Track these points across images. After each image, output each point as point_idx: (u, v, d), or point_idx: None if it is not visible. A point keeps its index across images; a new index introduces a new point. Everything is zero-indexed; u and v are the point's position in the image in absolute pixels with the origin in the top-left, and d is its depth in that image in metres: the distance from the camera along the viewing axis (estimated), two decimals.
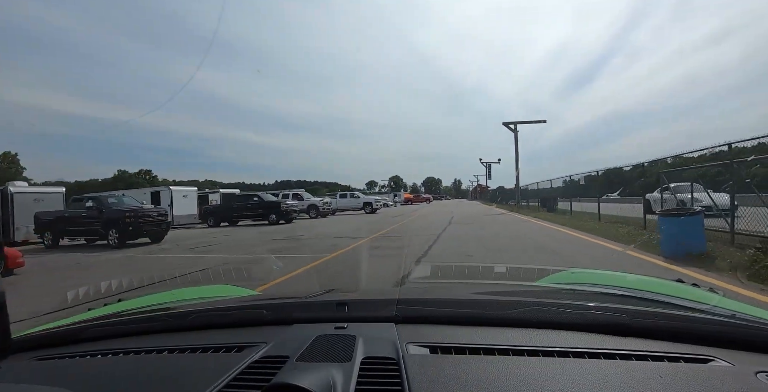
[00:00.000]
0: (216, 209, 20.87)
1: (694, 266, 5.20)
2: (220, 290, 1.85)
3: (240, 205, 20.14)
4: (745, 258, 5.10)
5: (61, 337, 0.98)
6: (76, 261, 8.96)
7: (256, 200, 19.83)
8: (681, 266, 5.20)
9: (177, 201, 22.06)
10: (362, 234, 11.36)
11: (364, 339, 0.76)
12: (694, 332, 0.76)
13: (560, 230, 10.72)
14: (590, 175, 15.27)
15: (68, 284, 5.86)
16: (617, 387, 0.57)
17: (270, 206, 19.33)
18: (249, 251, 9.12)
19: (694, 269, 4.99)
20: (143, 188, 24.46)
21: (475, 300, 1.06)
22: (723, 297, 1.19)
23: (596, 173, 14.79)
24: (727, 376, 0.61)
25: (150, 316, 1.06)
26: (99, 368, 0.82)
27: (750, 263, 4.81)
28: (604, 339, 0.75)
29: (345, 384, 0.59)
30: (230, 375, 0.66)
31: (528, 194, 26.55)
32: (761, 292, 3.94)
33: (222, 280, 2.66)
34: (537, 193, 25.13)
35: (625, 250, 6.91)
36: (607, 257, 6.61)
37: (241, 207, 20.01)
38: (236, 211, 20.07)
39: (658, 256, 6.03)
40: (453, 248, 7.88)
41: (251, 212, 19.76)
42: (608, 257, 6.60)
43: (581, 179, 16.19)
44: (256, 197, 20.07)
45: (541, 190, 24.69)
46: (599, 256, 6.67)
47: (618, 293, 1.15)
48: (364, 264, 5.64)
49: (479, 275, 2.55)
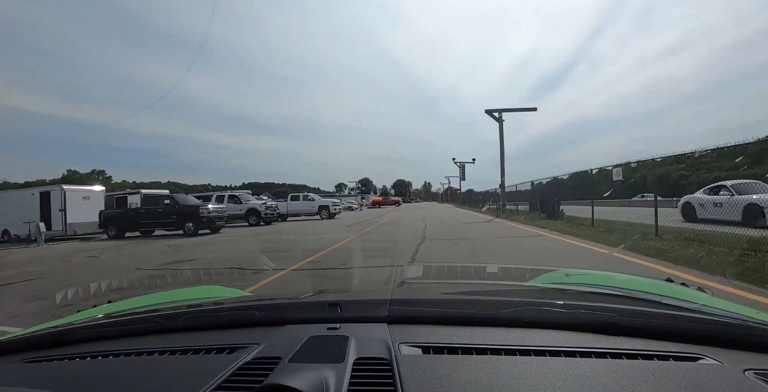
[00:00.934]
0: (118, 216, 15.85)
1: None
2: (211, 291, 1.82)
3: (149, 210, 15.29)
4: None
5: (50, 339, 0.96)
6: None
7: (168, 203, 15.03)
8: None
9: (73, 205, 16.95)
10: (259, 265, 6.48)
11: (356, 339, 0.76)
12: (683, 331, 0.77)
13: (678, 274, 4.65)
14: (587, 172, 12.47)
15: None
16: (608, 386, 0.58)
17: (185, 212, 14.64)
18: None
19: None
20: (31, 188, 18.94)
21: (468, 300, 1.05)
22: (712, 296, 1.21)
23: (613, 167, 11.28)
24: (715, 374, 0.62)
25: (140, 317, 1.03)
26: (88, 370, 0.79)
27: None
28: (595, 338, 0.76)
29: (338, 385, 0.59)
30: (222, 377, 0.66)
31: (511, 197, 23.21)
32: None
33: (213, 281, 2.76)
34: (521, 195, 21.78)
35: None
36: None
37: (150, 213, 15.19)
38: (145, 217, 15.24)
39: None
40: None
41: (162, 220, 14.99)
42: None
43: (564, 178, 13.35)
44: (168, 199, 15.22)
45: (523, 192, 21.29)
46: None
47: (609, 292, 1.17)
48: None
49: (471, 275, 2.70)
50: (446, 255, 6.68)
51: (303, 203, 23.20)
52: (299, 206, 23.17)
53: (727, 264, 4.85)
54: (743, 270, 4.51)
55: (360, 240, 10.10)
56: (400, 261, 6.10)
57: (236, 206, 19.42)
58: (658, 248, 6.39)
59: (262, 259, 7.19)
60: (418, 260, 6.19)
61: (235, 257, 7.68)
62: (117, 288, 2.95)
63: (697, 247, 6.09)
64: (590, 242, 7.81)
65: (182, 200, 15.25)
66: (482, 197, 35.27)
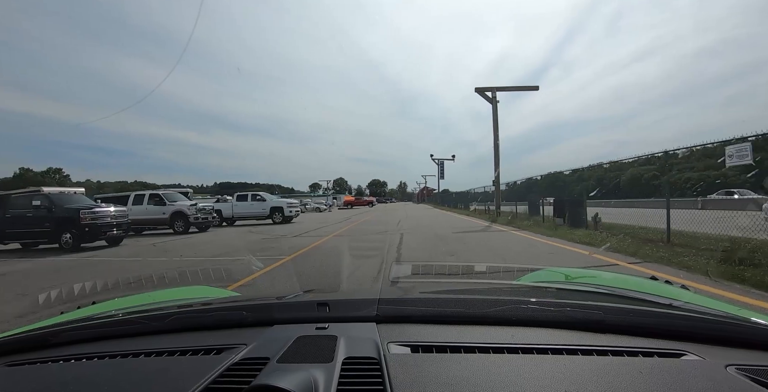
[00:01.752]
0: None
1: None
2: (197, 291, 1.77)
3: (15, 215, 10.85)
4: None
5: (32, 342, 0.93)
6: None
7: (38, 205, 10.61)
8: None
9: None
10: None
11: (345, 339, 0.76)
12: (666, 327, 0.77)
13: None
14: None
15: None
16: (594, 382, 0.58)
17: (62, 219, 10.34)
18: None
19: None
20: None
21: (456, 299, 1.03)
22: (694, 293, 1.22)
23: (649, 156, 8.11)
24: (698, 370, 0.63)
25: (125, 319, 1.01)
26: (73, 373, 0.77)
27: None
28: (581, 335, 0.77)
29: (327, 385, 0.59)
30: (209, 378, 0.65)
31: (488, 197, 20.43)
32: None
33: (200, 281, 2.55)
34: (510, 194, 18.60)
35: None
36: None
37: (17, 220, 10.77)
38: (10, 225, 10.84)
39: None
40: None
41: (33, 229, 10.64)
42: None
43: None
44: (40, 199, 10.75)
45: (514, 190, 18.15)
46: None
47: (595, 290, 1.19)
48: None
49: (460, 274, 2.63)
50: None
51: (251, 204, 18.93)
52: (247, 208, 18.94)
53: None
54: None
55: (306, 256, 6.43)
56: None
57: (158, 208, 15.12)
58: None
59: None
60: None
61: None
62: (102, 290, 3.00)
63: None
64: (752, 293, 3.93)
65: (59, 201, 10.81)
66: (456, 197, 32.72)
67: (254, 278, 5.33)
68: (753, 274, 4.27)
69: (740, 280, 4.23)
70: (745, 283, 4.13)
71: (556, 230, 9.90)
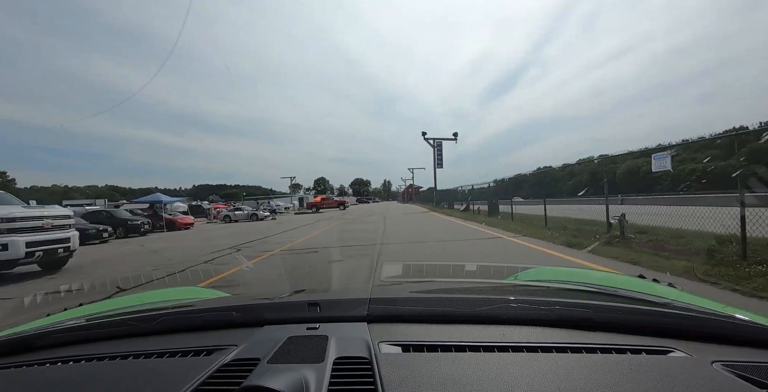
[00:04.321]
0: None
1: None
2: (187, 292, 1.76)
3: None
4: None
5: (18, 345, 0.92)
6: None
7: None
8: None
9: None
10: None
11: (336, 339, 0.75)
12: (654, 325, 0.79)
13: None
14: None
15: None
16: (583, 379, 0.59)
17: None
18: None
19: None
20: None
21: (446, 298, 1.03)
22: (681, 291, 1.23)
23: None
24: (685, 366, 0.64)
25: (114, 320, 1.00)
26: (59, 376, 0.76)
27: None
28: (571, 333, 0.77)
29: (318, 385, 0.59)
30: (199, 380, 0.64)
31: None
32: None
33: (190, 282, 2.49)
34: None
35: None
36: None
37: None
38: None
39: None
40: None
41: None
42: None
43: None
44: None
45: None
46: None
47: (584, 289, 1.20)
48: None
49: (450, 273, 2.75)
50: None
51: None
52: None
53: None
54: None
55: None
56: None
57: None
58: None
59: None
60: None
61: None
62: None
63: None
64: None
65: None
66: (452, 195, 30.64)
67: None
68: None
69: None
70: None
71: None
